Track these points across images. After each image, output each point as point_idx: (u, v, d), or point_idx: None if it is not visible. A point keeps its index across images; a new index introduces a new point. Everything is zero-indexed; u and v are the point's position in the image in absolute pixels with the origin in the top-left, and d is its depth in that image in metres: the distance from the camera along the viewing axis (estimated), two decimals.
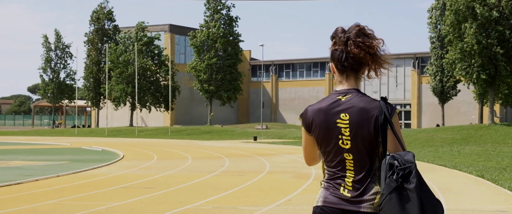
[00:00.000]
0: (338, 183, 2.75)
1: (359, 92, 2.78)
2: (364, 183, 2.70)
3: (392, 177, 2.58)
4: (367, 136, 2.69)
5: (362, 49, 2.72)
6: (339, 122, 2.72)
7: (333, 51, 2.80)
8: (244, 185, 12.47)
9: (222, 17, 56.40)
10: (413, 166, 2.59)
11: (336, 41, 2.80)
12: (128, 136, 47.49)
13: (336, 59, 2.79)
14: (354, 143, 2.70)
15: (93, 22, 63.02)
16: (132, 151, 26.62)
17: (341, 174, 2.74)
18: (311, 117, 2.79)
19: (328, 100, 2.79)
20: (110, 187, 12.20)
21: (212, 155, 23.25)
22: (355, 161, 2.72)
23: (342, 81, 2.81)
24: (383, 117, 2.68)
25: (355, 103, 2.72)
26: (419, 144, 29.40)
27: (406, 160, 2.61)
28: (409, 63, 58.06)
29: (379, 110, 2.69)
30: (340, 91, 2.79)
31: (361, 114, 2.70)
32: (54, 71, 64.24)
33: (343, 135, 2.72)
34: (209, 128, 51.09)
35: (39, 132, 56.47)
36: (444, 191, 11.44)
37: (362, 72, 2.80)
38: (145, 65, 55.97)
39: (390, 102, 2.75)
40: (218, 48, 56.02)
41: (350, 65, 2.76)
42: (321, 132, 2.76)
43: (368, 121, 2.69)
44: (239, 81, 57.03)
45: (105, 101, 59.23)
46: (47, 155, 24.17)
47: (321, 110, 2.77)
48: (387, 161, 2.63)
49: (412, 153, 2.66)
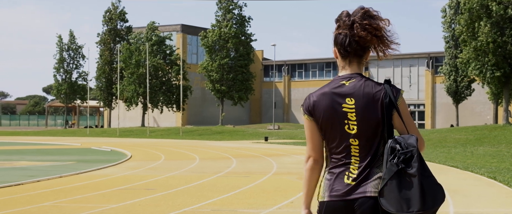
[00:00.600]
0: (342, 171, 2.68)
1: (362, 76, 2.71)
2: (369, 168, 2.65)
3: (392, 161, 2.54)
4: (374, 120, 2.64)
5: (369, 32, 2.65)
6: (345, 107, 2.66)
7: (337, 36, 2.73)
8: (247, 187, 12.17)
9: (234, 17, 56.15)
10: (415, 150, 2.54)
11: (340, 25, 2.73)
12: (139, 136, 47.41)
13: (339, 44, 2.72)
14: (360, 128, 2.65)
15: (106, 22, 63.14)
16: (140, 151, 26.44)
17: (346, 160, 2.68)
18: (314, 101, 2.71)
19: (331, 85, 2.72)
20: (110, 188, 11.97)
21: (220, 156, 22.99)
22: (361, 146, 2.66)
23: (344, 67, 2.74)
24: (388, 100, 2.63)
25: (360, 87, 2.66)
26: (432, 145, 28.91)
27: (409, 143, 2.56)
28: (423, 63, 57.45)
29: (384, 92, 2.65)
30: (343, 76, 2.72)
31: (366, 98, 2.65)
32: (67, 71, 64.44)
33: (350, 119, 2.65)
34: (221, 128, 50.85)
35: (52, 132, 56.60)
36: (454, 193, 11.07)
37: (365, 58, 2.75)
38: (157, 64, 55.87)
39: (395, 85, 2.69)
40: (230, 48, 55.78)
41: (354, 49, 2.69)
42: (326, 116, 2.68)
43: (374, 104, 2.64)
44: (250, 82, 56.76)
45: (117, 101, 59.22)
46: (55, 155, 24.05)
47: (325, 94, 2.70)
48: (389, 144, 2.58)
49: (416, 137, 2.59)
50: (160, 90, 56.67)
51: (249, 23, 56.91)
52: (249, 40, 56.92)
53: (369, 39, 2.66)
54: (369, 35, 2.65)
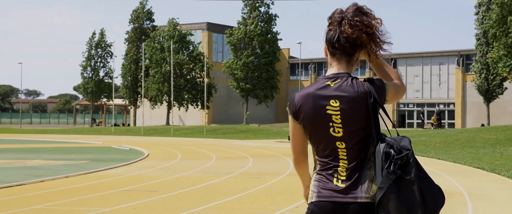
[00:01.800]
0: (331, 174, 2.59)
1: (349, 76, 2.59)
2: (359, 171, 2.55)
3: (389, 169, 2.44)
4: (360, 122, 2.54)
5: (359, 29, 2.54)
6: (329, 109, 2.56)
7: (327, 32, 2.64)
8: (255, 189, 11.55)
9: (260, 15, 55.51)
10: (410, 154, 2.46)
11: (331, 21, 2.64)
12: (163, 134, 47.13)
13: (328, 40, 2.63)
14: (346, 131, 2.55)
15: (133, 21, 63.21)
16: (159, 150, 26.04)
17: (334, 163, 2.58)
18: (298, 103, 2.61)
19: (316, 85, 2.61)
20: (112, 189, 11.47)
21: (238, 155, 22.42)
22: (348, 149, 2.56)
23: (332, 64, 2.65)
24: (372, 100, 2.52)
25: (345, 88, 2.55)
26: (460, 145, 27.89)
27: (402, 146, 2.47)
28: (453, 61, 56.04)
29: (368, 93, 2.53)
30: (329, 76, 2.61)
31: (351, 99, 2.53)
32: (94, 69, 64.68)
33: (334, 122, 2.56)
34: (245, 127, 50.30)
35: (78, 130, 56.76)
36: (476, 197, 10.30)
37: (356, 57, 2.64)
38: (181, 61, 55.57)
39: (380, 79, 2.61)
40: (255, 46, 55.15)
41: (341, 46, 2.59)
42: (310, 119, 2.59)
43: (359, 106, 2.53)
44: (276, 80, 56.07)
45: (142, 100, 59.16)
46: (72, 154, 23.77)
47: (309, 95, 2.59)
48: (382, 150, 2.47)
49: (408, 138, 2.51)
50: (185, 88, 56.38)
51: (275, 21, 56.18)
52: (275, 39, 56.21)
53: (357, 37, 2.55)
54: (356, 33, 2.54)
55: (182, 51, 56.60)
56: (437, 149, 24.97)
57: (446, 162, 19.05)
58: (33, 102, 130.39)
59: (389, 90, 2.61)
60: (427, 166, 17.15)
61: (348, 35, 2.56)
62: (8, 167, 17.00)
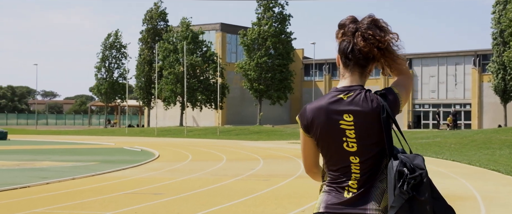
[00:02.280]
0: (342, 187, 2.52)
1: (362, 89, 2.53)
2: (370, 183, 2.50)
3: (402, 189, 2.36)
4: (374, 137, 2.48)
5: (370, 43, 2.49)
6: (343, 123, 2.48)
7: (340, 42, 2.57)
8: (262, 192, 11.29)
9: (274, 15, 55.21)
10: (424, 173, 2.38)
11: (344, 31, 2.57)
12: (177, 135, 47.03)
13: (341, 51, 2.57)
14: (360, 145, 2.48)
15: (146, 21, 63.21)
16: (170, 151, 25.88)
17: (346, 178, 2.52)
18: (310, 116, 2.53)
19: (328, 98, 2.54)
20: (116, 192, 11.27)
21: (248, 156, 22.17)
22: (361, 163, 2.50)
23: (344, 75, 2.58)
24: (385, 115, 2.46)
25: (358, 102, 2.49)
26: (475, 146, 27.41)
27: (416, 164, 2.40)
28: (469, 61, 55.33)
29: (381, 107, 2.47)
30: (341, 89, 2.54)
31: (365, 114, 2.47)
32: (109, 70, 64.75)
33: (348, 137, 2.49)
34: (258, 128, 50.05)
35: (92, 131, 56.88)
36: (490, 201, 9.96)
37: (369, 70, 2.57)
38: (194, 62, 55.46)
39: (391, 89, 2.55)
40: (269, 46, 54.86)
41: (355, 58, 2.53)
42: (323, 133, 2.51)
43: (373, 120, 2.47)
44: (289, 81, 55.74)
45: (156, 101, 59.13)
46: (83, 155, 23.68)
47: (321, 109, 2.51)
48: (396, 168, 2.39)
49: (422, 156, 2.43)
50: (198, 89, 56.25)
51: (289, 21, 55.86)
52: (288, 39, 55.88)
53: (369, 51, 2.50)
54: (368, 46, 2.49)
55: (196, 53, 56.43)
56: (452, 151, 24.53)
57: (460, 163, 18.65)
58: (49, 103, 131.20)
59: (402, 99, 2.56)
60: (441, 168, 16.78)
61: (360, 47, 2.51)
62: (16, 169, 16.90)
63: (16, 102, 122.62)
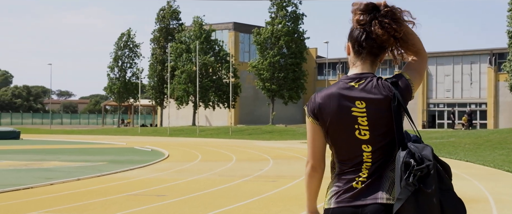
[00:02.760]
0: (352, 178, 2.46)
1: (374, 76, 2.49)
2: (380, 172, 2.44)
3: (408, 180, 2.30)
4: (386, 125, 2.44)
5: (387, 31, 2.45)
6: (355, 111, 2.44)
7: (353, 30, 2.52)
8: (268, 194, 11.03)
9: (287, 14, 54.88)
10: (431, 165, 2.32)
11: (358, 18, 2.50)
12: (189, 135, 46.88)
13: (354, 38, 2.51)
14: (373, 133, 2.44)
15: (159, 20, 63.15)
16: (181, 151, 25.70)
17: (357, 167, 2.46)
18: (320, 103, 2.47)
19: (338, 85, 2.48)
20: (120, 193, 11.06)
21: (258, 157, 21.91)
22: (373, 152, 2.45)
23: (356, 64, 2.53)
24: (396, 104, 2.42)
25: (370, 89, 2.45)
26: (490, 146, 26.92)
27: (424, 155, 2.33)
28: (485, 60, 54.64)
29: (392, 95, 2.43)
30: (352, 77, 2.49)
31: (377, 101, 2.43)
32: (122, 69, 64.79)
33: (360, 124, 2.44)
34: (271, 127, 49.76)
35: (105, 131, 56.93)
36: (502, 204, 9.63)
37: (380, 58, 2.54)
38: (208, 62, 55.30)
39: (402, 76, 2.50)
40: (282, 46, 54.54)
41: (369, 46, 2.49)
42: (333, 121, 2.45)
43: (386, 108, 2.43)
44: (302, 80, 55.37)
45: (168, 100, 59.07)
46: (92, 155, 23.56)
47: (332, 96, 2.46)
48: (402, 158, 2.34)
49: (431, 147, 2.37)
50: (211, 88, 56.08)
51: (302, 20, 55.49)
52: (301, 38, 55.51)
53: (386, 39, 2.46)
54: (386, 35, 2.44)
55: (209, 52, 56.24)
56: (466, 151, 24.09)
57: (474, 164, 18.26)
58: (64, 103, 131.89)
59: (414, 84, 2.51)
60: (454, 169, 16.36)
61: (377, 36, 2.46)
62: (23, 169, 16.78)
63: (32, 102, 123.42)
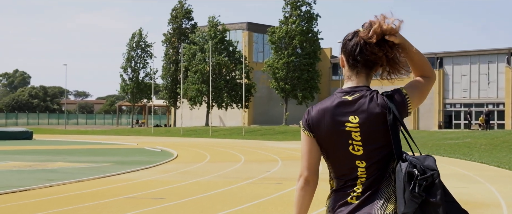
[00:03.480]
0: (347, 193, 2.41)
1: (368, 89, 2.46)
2: (375, 187, 2.37)
3: (414, 191, 2.20)
4: (381, 140, 2.37)
5: (382, 49, 2.41)
6: (348, 125, 2.40)
7: (346, 42, 2.50)
8: (270, 197, 10.63)
9: (301, 14, 54.38)
10: (436, 174, 2.24)
11: (354, 34, 2.48)
12: (202, 136, 46.62)
13: (348, 52, 2.48)
14: (366, 149, 2.38)
15: (172, 20, 62.97)
16: (190, 151, 25.39)
17: (352, 183, 2.41)
18: (315, 117, 2.44)
19: (332, 99, 2.46)
20: (117, 196, 10.72)
21: (268, 158, 21.51)
22: (368, 168, 2.38)
23: (351, 77, 2.50)
24: (392, 117, 2.35)
25: (364, 103, 2.40)
26: (507, 147, 26.27)
27: (427, 166, 2.25)
28: (503, 59, 53.70)
29: (388, 109, 2.37)
30: (346, 90, 2.46)
31: (371, 115, 2.38)
32: (134, 70, 64.72)
33: (354, 139, 2.39)
34: (284, 128, 49.32)
35: (119, 131, 56.87)
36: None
37: (375, 70, 2.50)
38: (221, 62, 54.98)
39: (399, 91, 2.46)
40: (296, 45, 54.05)
41: (364, 60, 2.45)
42: (327, 136, 2.42)
43: (380, 122, 2.37)
44: (316, 80, 54.83)
45: (182, 101, 58.87)
46: (99, 155, 23.31)
47: (326, 111, 2.43)
48: (405, 169, 2.24)
49: (433, 157, 2.29)
50: (224, 89, 55.76)
51: (316, 20, 54.94)
52: (316, 38, 54.96)
53: (380, 57, 2.44)
54: (381, 52, 2.42)
55: (223, 52, 55.91)
56: (481, 152, 23.48)
57: (489, 166, 17.70)
58: (80, 103, 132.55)
59: (411, 101, 2.45)
60: (467, 170, 15.87)
61: (372, 53, 2.43)
62: (26, 170, 16.53)
63: (48, 102, 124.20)
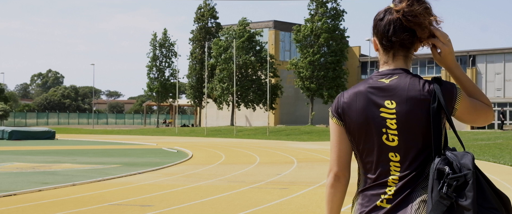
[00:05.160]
0: (376, 194, 2.12)
1: (408, 73, 2.15)
2: (409, 189, 2.06)
3: (441, 191, 1.94)
4: (420, 130, 2.07)
5: (421, 14, 2.09)
6: (383, 111, 2.10)
7: (377, 23, 2.17)
8: (270, 204, 9.70)
9: (327, 11, 53.19)
10: (469, 175, 1.95)
11: (385, 11, 2.18)
12: (226, 136, 45.86)
13: (381, 33, 2.17)
14: (402, 139, 2.09)
15: (198, 19, 62.46)
16: (207, 152, 24.61)
17: (382, 180, 2.11)
18: (346, 102, 2.16)
19: (367, 82, 2.16)
20: (102, 203, 9.92)
21: (284, 159, 20.55)
22: (402, 162, 2.09)
23: (387, 61, 2.19)
24: (436, 105, 2.05)
25: (403, 87, 2.10)
26: None
27: (463, 164, 1.96)
28: None
29: (433, 95, 2.06)
30: (383, 72, 2.16)
31: (411, 100, 2.08)
32: (159, 69, 64.40)
33: (389, 128, 2.10)
34: (310, 128, 48.24)
35: (144, 131, 56.49)
36: None
37: (414, 49, 2.18)
38: (248, 62, 54.17)
39: (452, 83, 2.11)
40: (321, 43, 52.87)
41: (400, 39, 2.13)
42: (358, 123, 2.13)
43: (421, 110, 2.07)
44: (343, 79, 53.56)
45: (207, 100, 58.27)
46: (113, 156, 22.66)
47: (359, 94, 2.15)
48: (436, 165, 1.98)
49: (471, 155, 1.99)
50: (250, 88, 54.92)
51: (343, 17, 53.69)
52: (342, 36, 53.70)
53: (422, 21, 2.07)
54: (422, 17, 2.07)
55: (249, 52, 55.08)
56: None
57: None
58: (111, 103, 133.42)
59: (460, 99, 2.08)
60: (495, 174, 14.69)
61: (414, 17, 2.07)
62: (28, 172, 15.89)
63: (80, 102, 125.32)
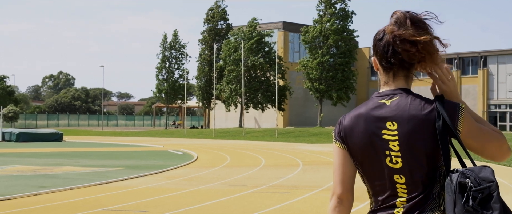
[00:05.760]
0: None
1: (409, 92, 2.11)
2: (418, 211, 2.02)
3: (467, 205, 1.87)
4: (424, 151, 2.02)
5: (414, 45, 2.08)
6: (385, 133, 2.07)
7: (377, 43, 2.14)
8: (269, 209, 9.37)
9: (335, 12, 52.76)
10: (493, 186, 1.90)
11: (385, 30, 2.14)
12: (235, 137, 45.55)
13: (380, 53, 2.13)
14: (406, 161, 2.04)
15: (208, 21, 62.25)
16: (212, 154, 24.31)
17: (391, 202, 2.08)
18: (347, 125, 2.14)
19: (368, 104, 2.14)
20: (95, 209, 9.63)
21: (290, 162, 20.20)
22: (408, 184, 2.05)
23: (387, 82, 2.15)
24: (441, 123, 2.00)
25: (404, 107, 2.06)
26: None
27: (483, 177, 1.91)
28: None
29: (436, 113, 2.02)
30: (384, 93, 2.13)
31: (413, 121, 2.03)
32: (169, 71, 64.23)
33: (392, 150, 2.06)
34: (318, 129, 47.82)
35: (153, 132, 56.32)
36: None
37: (415, 69, 2.14)
38: (257, 64, 53.85)
39: (455, 102, 2.05)
40: (330, 44, 52.45)
41: (399, 61, 2.09)
42: (361, 146, 2.09)
43: (424, 130, 2.02)
44: (352, 80, 53.09)
45: (216, 102, 57.99)
46: (117, 159, 22.39)
47: (360, 117, 2.12)
48: (456, 180, 1.91)
49: (491, 168, 1.95)
50: (259, 90, 54.60)
51: (351, 18, 53.23)
52: (351, 37, 53.24)
53: (414, 53, 2.06)
54: (414, 48, 2.06)
55: (258, 53, 54.75)
56: None
57: None
58: (121, 105, 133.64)
59: (463, 118, 2.01)
60: (504, 179, 14.27)
61: (404, 51, 2.05)
62: (27, 175, 15.65)
63: (90, 103, 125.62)
